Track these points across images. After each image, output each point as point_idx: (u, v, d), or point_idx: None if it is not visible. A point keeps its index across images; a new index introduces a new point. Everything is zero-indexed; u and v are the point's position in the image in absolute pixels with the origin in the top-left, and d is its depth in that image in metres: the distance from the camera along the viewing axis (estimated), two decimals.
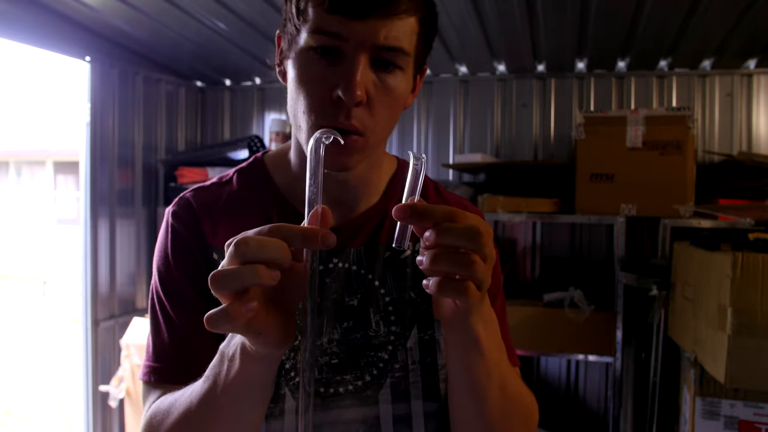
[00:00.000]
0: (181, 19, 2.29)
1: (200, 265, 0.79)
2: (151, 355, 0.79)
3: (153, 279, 0.82)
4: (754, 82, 2.65)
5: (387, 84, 0.70)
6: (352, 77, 0.67)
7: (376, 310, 0.80)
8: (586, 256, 2.82)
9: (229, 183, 0.86)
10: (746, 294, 1.62)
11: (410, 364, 0.80)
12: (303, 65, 0.71)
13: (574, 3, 2.04)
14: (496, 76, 2.91)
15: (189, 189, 0.86)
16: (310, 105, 0.70)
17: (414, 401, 0.80)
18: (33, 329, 7.36)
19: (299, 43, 0.71)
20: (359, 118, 0.69)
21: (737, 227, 2.09)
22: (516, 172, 2.66)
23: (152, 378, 0.78)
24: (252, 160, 0.88)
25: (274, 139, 2.82)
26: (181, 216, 0.82)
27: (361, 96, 0.68)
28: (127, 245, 2.79)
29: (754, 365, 1.62)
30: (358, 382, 0.79)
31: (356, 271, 0.81)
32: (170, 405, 0.72)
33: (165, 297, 0.79)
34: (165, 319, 0.79)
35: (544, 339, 2.40)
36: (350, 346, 0.79)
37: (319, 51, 0.69)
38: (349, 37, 0.67)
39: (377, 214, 0.84)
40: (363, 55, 0.68)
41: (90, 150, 2.55)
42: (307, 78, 0.70)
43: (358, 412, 0.79)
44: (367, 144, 0.72)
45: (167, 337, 0.78)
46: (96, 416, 2.63)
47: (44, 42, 2.31)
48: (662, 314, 2.19)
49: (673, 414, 2.20)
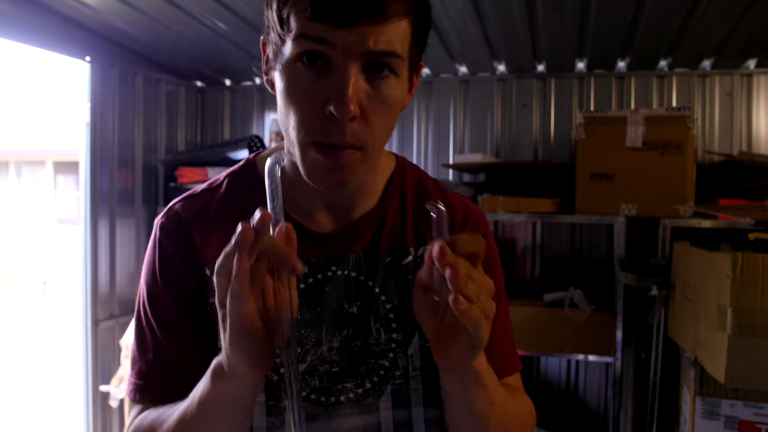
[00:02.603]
0: (181, 19, 2.29)
1: (189, 284, 0.77)
2: (136, 372, 0.78)
3: (140, 292, 0.79)
4: (754, 82, 2.65)
5: (381, 92, 0.66)
6: (344, 91, 0.62)
7: (377, 317, 0.79)
8: (586, 256, 2.82)
9: (219, 188, 0.82)
10: (746, 294, 1.62)
11: (411, 371, 0.79)
12: (290, 78, 0.66)
13: (574, 3, 2.04)
14: (496, 76, 2.91)
15: (178, 198, 0.83)
16: (301, 121, 0.66)
17: (415, 408, 0.79)
18: (33, 329, 7.36)
19: (285, 53, 0.66)
20: (354, 134, 0.65)
21: (737, 227, 2.09)
22: (516, 172, 2.66)
23: (136, 396, 0.77)
24: (243, 163, 0.84)
25: (274, 139, 2.83)
26: (169, 231, 0.79)
27: (355, 110, 0.63)
28: (127, 245, 2.79)
29: (754, 365, 1.62)
30: (359, 390, 0.78)
31: (355, 278, 0.79)
32: (152, 423, 0.72)
33: (151, 315, 0.77)
34: (151, 337, 0.77)
35: (544, 339, 2.40)
36: (350, 354, 0.78)
37: (306, 60, 0.64)
38: (336, 44, 0.62)
39: (376, 219, 0.81)
40: (353, 64, 0.63)
41: (90, 150, 2.55)
42: (296, 92, 0.66)
43: (360, 419, 0.78)
44: (366, 157, 0.68)
45: (152, 356, 0.77)
46: (96, 416, 2.63)
47: (44, 42, 2.31)
48: (662, 314, 2.19)
49: (673, 414, 2.20)
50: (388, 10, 0.62)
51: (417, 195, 0.84)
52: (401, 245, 0.81)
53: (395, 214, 0.82)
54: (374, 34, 0.62)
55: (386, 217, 0.82)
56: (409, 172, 0.86)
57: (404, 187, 0.84)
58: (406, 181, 0.85)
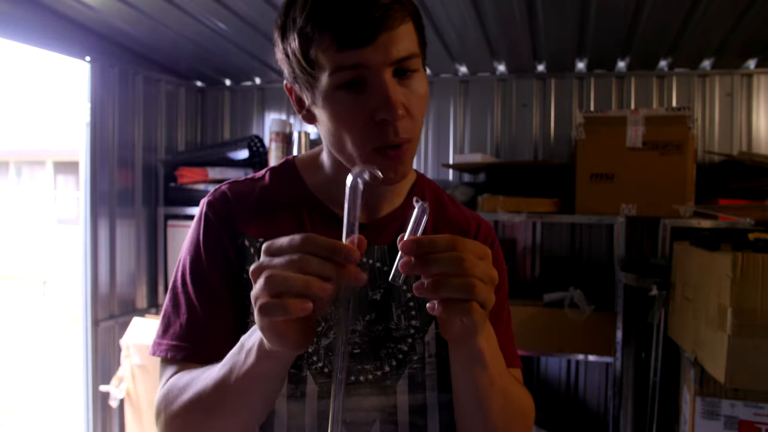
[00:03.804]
0: (181, 19, 2.29)
1: (228, 253, 0.83)
2: (171, 334, 0.82)
3: (181, 262, 0.86)
4: (754, 82, 2.65)
5: (413, 89, 0.75)
6: (388, 97, 0.71)
7: (398, 304, 0.84)
8: (586, 256, 2.82)
9: (262, 179, 0.90)
10: (746, 294, 1.62)
11: (427, 357, 0.84)
12: (335, 105, 0.74)
13: (574, 3, 2.04)
14: (496, 76, 2.91)
15: (225, 182, 0.90)
16: (358, 137, 0.75)
17: (429, 392, 0.84)
18: (33, 329, 7.36)
19: (322, 89, 0.74)
20: (405, 129, 0.74)
21: (737, 227, 2.09)
22: (516, 172, 2.66)
23: (169, 355, 0.81)
24: (283, 161, 0.93)
25: (274, 139, 2.82)
26: (215, 205, 0.86)
27: (402, 110, 0.72)
28: (127, 245, 2.79)
29: (754, 365, 1.62)
30: (378, 372, 0.83)
31: (380, 268, 0.85)
32: (186, 383, 0.76)
33: (191, 280, 0.83)
34: (186, 301, 0.82)
35: (544, 339, 2.40)
36: (372, 338, 0.83)
37: (346, 86, 0.73)
38: (369, 63, 0.71)
39: (399, 217, 0.88)
40: (386, 72, 0.72)
41: (90, 150, 2.55)
42: (345, 114, 0.74)
43: (377, 400, 0.83)
44: (414, 144, 0.78)
45: (186, 318, 0.81)
46: (96, 416, 2.63)
47: (44, 42, 2.31)
48: (662, 314, 2.19)
49: (673, 414, 2.20)
50: (396, 17, 0.71)
51: (434, 202, 0.93)
52: None
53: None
54: (393, 42, 0.72)
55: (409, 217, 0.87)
56: (427, 184, 0.96)
57: (424, 195, 0.93)
58: (425, 189, 0.94)
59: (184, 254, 0.86)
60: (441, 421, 0.85)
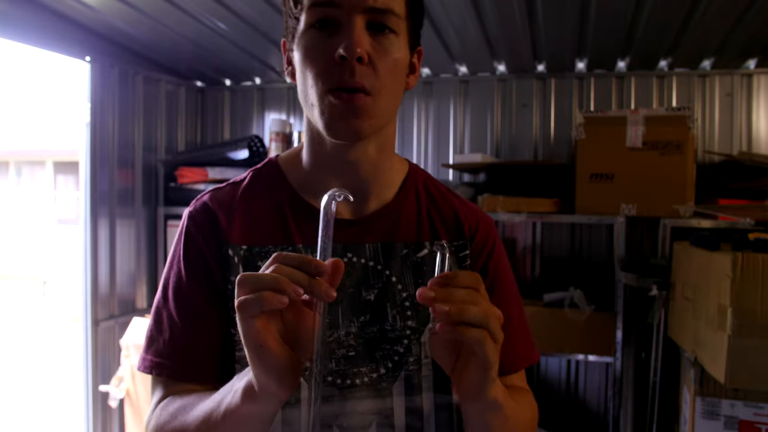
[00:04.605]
0: (181, 19, 2.29)
1: (210, 265, 0.82)
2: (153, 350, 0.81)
3: (163, 277, 0.85)
4: (754, 82, 2.65)
5: (384, 46, 0.74)
6: (351, 35, 0.71)
7: (393, 305, 0.83)
8: (586, 256, 2.82)
9: (242, 182, 0.89)
10: (746, 294, 1.62)
11: (423, 358, 0.83)
12: (306, 45, 0.75)
13: (574, 3, 2.04)
14: (496, 76, 2.91)
15: (205, 191, 0.90)
16: (316, 73, 0.74)
17: (426, 394, 0.83)
18: (33, 329, 7.36)
19: (299, 29, 0.76)
20: (363, 75, 0.73)
21: (737, 227, 2.09)
22: (516, 172, 2.66)
23: (154, 372, 0.81)
24: (266, 161, 0.92)
25: (274, 139, 2.82)
26: (196, 218, 0.85)
27: (361, 52, 0.71)
28: (127, 245, 2.79)
29: (754, 365, 1.62)
30: (374, 375, 0.81)
31: (373, 267, 0.83)
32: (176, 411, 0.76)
33: (172, 297, 0.82)
34: (168, 318, 0.81)
35: (544, 339, 2.40)
36: (367, 340, 0.82)
37: (317, 26, 0.74)
38: (342, 4, 0.72)
39: (392, 213, 0.86)
40: (358, 18, 0.72)
41: (90, 150, 2.55)
42: (312, 53, 0.75)
43: (373, 403, 0.81)
44: (375, 105, 0.75)
45: (168, 336, 0.81)
46: (96, 416, 2.63)
47: (44, 42, 2.31)
48: (662, 314, 2.19)
49: (673, 414, 2.20)
50: None
51: (429, 194, 0.91)
52: (417, 239, 0.86)
53: (411, 210, 0.88)
54: None
55: (402, 212, 0.86)
56: (420, 175, 0.93)
57: (417, 187, 0.90)
58: (418, 181, 0.91)
59: (167, 269, 0.85)
60: (438, 423, 0.83)
